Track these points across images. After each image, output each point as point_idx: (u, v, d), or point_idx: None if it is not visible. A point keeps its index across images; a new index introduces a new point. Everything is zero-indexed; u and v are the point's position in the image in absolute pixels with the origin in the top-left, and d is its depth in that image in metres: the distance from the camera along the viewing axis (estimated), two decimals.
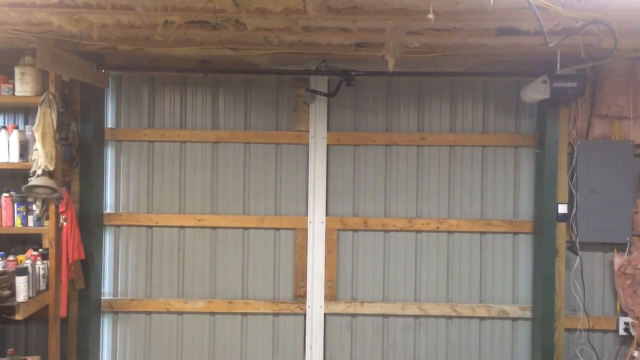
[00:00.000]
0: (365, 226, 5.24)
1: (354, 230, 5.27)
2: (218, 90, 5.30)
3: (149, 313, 5.28)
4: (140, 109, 5.28)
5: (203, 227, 5.28)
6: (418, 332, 5.25)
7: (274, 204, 5.32)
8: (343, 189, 5.29)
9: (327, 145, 5.26)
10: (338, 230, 5.26)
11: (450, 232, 5.23)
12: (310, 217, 5.21)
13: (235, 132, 5.27)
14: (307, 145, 5.27)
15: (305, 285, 5.26)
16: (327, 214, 5.26)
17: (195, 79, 5.25)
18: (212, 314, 5.29)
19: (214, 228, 5.30)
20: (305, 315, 5.26)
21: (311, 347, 5.26)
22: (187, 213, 5.28)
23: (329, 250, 5.25)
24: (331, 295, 5.26)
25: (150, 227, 5.28)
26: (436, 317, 5.23)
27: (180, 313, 5.28)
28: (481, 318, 5.21)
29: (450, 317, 5.22)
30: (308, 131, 5.25)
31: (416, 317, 5.24)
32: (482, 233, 5.22)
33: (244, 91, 5.30)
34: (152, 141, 5.27)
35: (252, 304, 5.26)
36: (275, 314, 5.29)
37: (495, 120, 5.23)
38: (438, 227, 5.21)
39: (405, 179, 5.27)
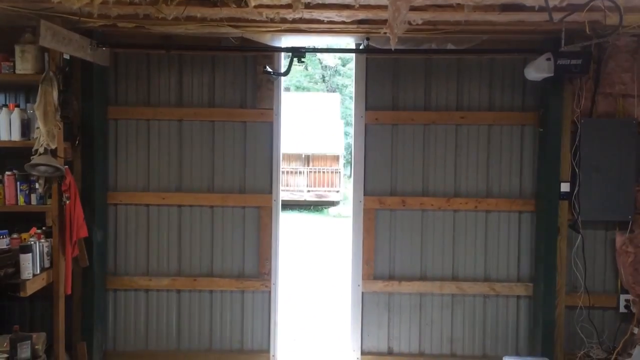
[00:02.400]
0: (404, 205, 5.24)
1: (392, 210, 5.27)
2: (182, 68, 5.27)
3: (115, 290, 5.33)
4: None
5: (169, 205, 5.30)
6: (455, 311, 5.29)
7: (239, 182, 5.33)
8: (381, 168, 5.28)
9: (365, 125, 5.26)
10: (376, 209, 5.26)
11: (488, 211, 5.22)
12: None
13: (200, 110, 5.27)
14: (271, 123, 5.27)
15: (270, 263, 5.32)
16: (365, 194, 5.27)
17: (159, 57, 5.24)
18: (178, 291, 5.34)
19: (179, 206, 5.32)
20: (270, 292, 5.32)
21: (276, 324, 5.35)
22: (151, 191, 5.30)
23: (367, 230, 5.28)
24: (369, 274, 5.29)
25: (115, 204, 5.31)
26: (474, 295, 5.26)
27: (146, 290, 5.34)
28: (518, 297, 5.25)
29: (488, 296, 5.25)
30: (272, 109, 5.25)
31: (453, 295, 5.27)
32: (520, 212, 5.22)
33: (210, 69, 5.28)
34: (116, 119, 5.27)
35: (216, 282, 5.31)
36: (241, 291, 5.34)
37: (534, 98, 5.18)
38: (476, 207, 5.21)
39: (443, 157, 5.25)
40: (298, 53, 4.95)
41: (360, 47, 5.10)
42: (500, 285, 5.22)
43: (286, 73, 5.12)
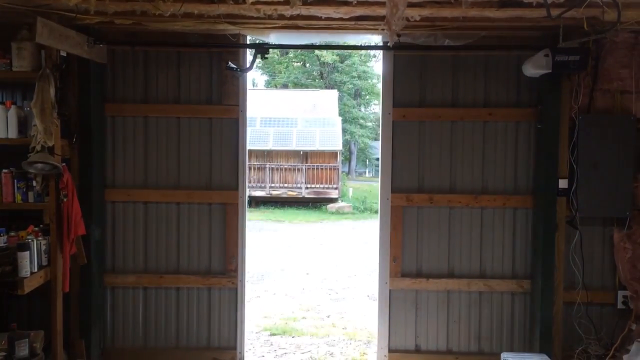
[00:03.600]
0: (431, 202, 5.24)
1: (419, 207, 5.27)
2: (147, 64, 5.25)
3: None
4: None
5: (134, 202, 5.30)
6: (483, 308, 5.28)
7: (205, 179, 5.34)
8: (408, 165, 5.27)
9: (393, 122, 5.24)
10: (403, 207, 5.26)
11: (516, 208, 5.21)
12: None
13: (165, 106, 5.26)
14: (236, 119, 5.27)
15: (236, 259, 5.32)
16: (392, 191, 5.27)
17: (124, 52, 5.22)
18: (144, 288, 5.34)
19: (145, 203, 5.31)
20: (236, 289, 5.33)
21: (242, 321, 5.37)
22: (117, 187, 5.30)
23: (394, 227, 5.27)
24: (396, 272, 5.29)
25: None
26: (501, 292, 5.25)
27: (112, 288, 5.34)
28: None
29: (516, 293, 5.24)
30: (237, 105, 5.25)
31: (481, 293, 5.26)
32: None
33: (176, 65, 5.26)
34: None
35: (183, 279, 5.31)
36: (208, 288, 5.35)
37: None
38: (504, 204, 5.19)
39: (470, 154, 5.24)
40: (261, 49, 4.95)
41: (389, 44, 5.03)
42: (527, 282, 5.21)
43: (249, 69, 5.11)
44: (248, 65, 5.19)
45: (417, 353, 5.30)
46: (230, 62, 5.04)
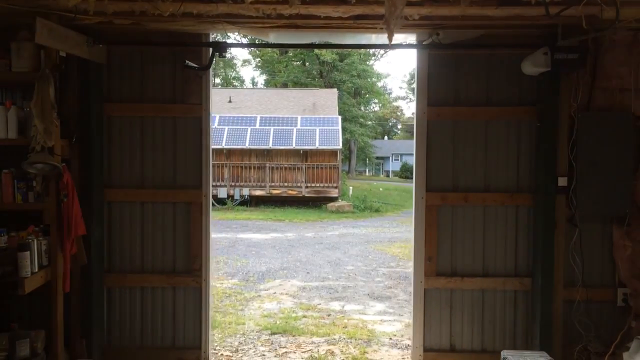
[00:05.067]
0: (466, 202, 5.23)
1: (454, 206, 5.26)
2: (111, 62, 5.22)
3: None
4: None
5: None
6: (518, 307, 5.26)
7: (169, 178, 5.32)
8: (442, 164, 5.27)
9: (427, 121, 5.23)
10: (438, 206, 5.26)
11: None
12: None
13: (129, 105, 5.24)
14: (200, 118, 5.28)
15: (200, 259, 5.32)
16: (427, 190, 5.26)
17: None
18: (108, 289, 5.33)
19: (109, 202, 5.30)
20: (201, 288, 5.33)
21: (207, 320, 5.36)
22: None
23: (429, 226, 5.27)
24: (431, 271, 5.28)
25: None
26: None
27: None
28: None
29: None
30: (201, 104, 5.25)
31: (516, 291, 5.25)
32: None
33: (139, 63, 5.25)
34: None
35: (147, 278, 5.31)
36: (172, 287, 5.34)
37: None
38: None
39: (505, 153, 5.22)
40: (219, 48, 4.95)
41: (424, 43, 5.03)
42: None
43: (206, 68, 5.09)
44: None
45: (452, 352, 5.29)
46: (187, 61, 4.99)
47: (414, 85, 5.40)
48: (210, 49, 5.14)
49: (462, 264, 5.29)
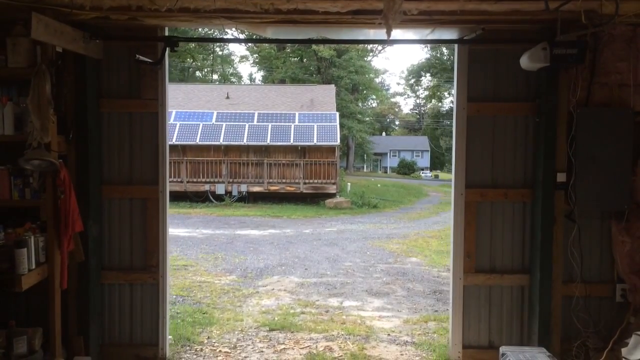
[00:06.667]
0: (505, 198, 5.19)
1: (493, 202, 5.23)
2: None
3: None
4: None
5: None
6: None
7: (125, 174, 5.29)
8: (482, 160, 5.23)
9: (467, 117, 5.20)
10: (477, 202, 5.23)
11: None
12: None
13: None
14: (156, 113, 5.24)
15: (157, 255, 5.30)
16: (466, 186, 5.23)
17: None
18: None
19: None
20: (158, 285, 5.32)
21: (165, 316, 5.35)
22: None
23: (468, 223, 5.24)
24: (470, 267, 5.25)
25: None
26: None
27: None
28: None
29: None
30: (157, 99, 5.23)
31: None
32: None
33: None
34: None
35: (104, 275, 5.28)
36: (129, 284, 5.33)
37: None
38: None
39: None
40: (170, 43, 4.91)
41: (465, 38, 5.01)
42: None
43: (158, 62, 5.04)
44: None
45: (491, 349, 5.26)
46: (138, 55, 4.93)
47: (455, 82, 5.31)
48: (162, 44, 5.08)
49: (501, 261, 5.26)
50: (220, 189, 24.15)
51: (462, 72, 5.22)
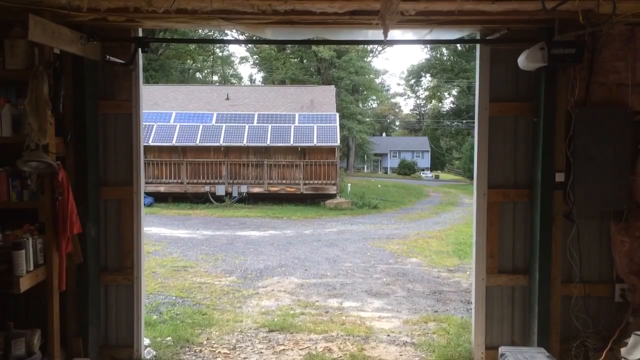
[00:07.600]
0: (528, 198, 5.17)
1: (515, 202, 5.21)
2: None
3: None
4: None
5: None
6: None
7: (100, 175, 5.27)
8: (504, 160, 5.22)
9: (489, 117, 5.18)
10: (500, 202, 5.21)
11: None
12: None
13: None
14: (130, 114, 5.23)
15: (132, 256, 5.29)
16: (488, 187, 5.21)
17: None
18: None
19: None
20: (133, 286, 5.31)
21: (140, 318, 5.34)
22: None
23: (490, 223, 5.22)
24: (492, 268, 5.23)
25: None
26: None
27: None
28: None
29: None
30: (130, 100, 5.22)
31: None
32: None
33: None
34: None
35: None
36: (104, 286, 5.31)
37: None
38: None
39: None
40: (141, 44, 4.92)
41: (487, 38, 5.00)
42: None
43: (129, 63, 5.02)
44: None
45: None
46: (108, 56, 4.91)
47: (477, 82, 5.28)
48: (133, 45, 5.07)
49: (522, 261, 5.24)
50: (220, 190, 24.15)
51: (484, 73, 5.20)
